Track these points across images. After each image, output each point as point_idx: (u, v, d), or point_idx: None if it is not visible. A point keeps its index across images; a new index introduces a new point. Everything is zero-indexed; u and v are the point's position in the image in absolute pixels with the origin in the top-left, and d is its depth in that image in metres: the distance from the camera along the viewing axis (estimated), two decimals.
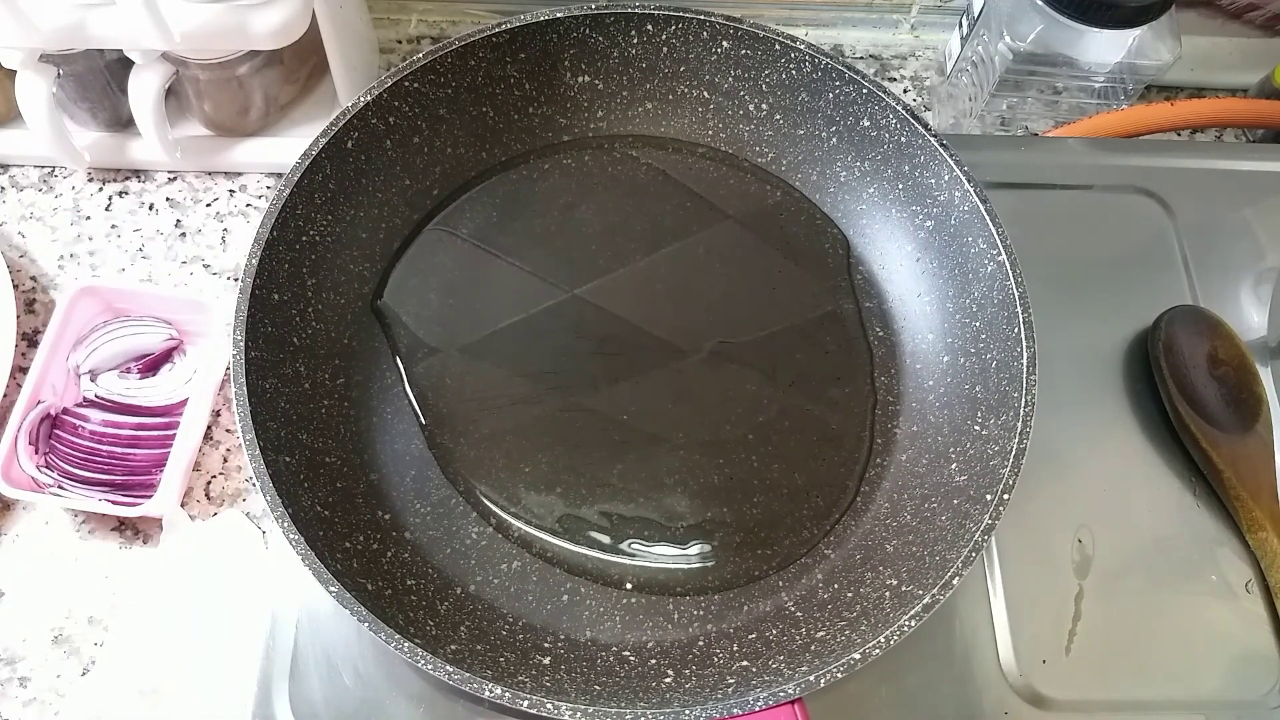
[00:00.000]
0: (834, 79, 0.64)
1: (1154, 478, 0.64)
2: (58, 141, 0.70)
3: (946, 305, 0.63)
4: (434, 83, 0.62)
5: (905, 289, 0.65)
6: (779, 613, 0.57)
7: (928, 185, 0.63)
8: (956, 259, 0.62)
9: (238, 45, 0.67)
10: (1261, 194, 0.73)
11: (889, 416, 0.62)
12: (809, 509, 0.60)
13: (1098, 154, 0.74)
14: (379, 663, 0.57)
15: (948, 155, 0.61)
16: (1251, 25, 0.82)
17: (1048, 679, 0.58)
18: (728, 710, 0.48)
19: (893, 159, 0.65)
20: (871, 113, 0.64)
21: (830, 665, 0.49)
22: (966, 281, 0.62)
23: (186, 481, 0.65)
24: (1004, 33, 0.72)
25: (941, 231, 0.63)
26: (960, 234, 0.62)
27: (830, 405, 0.62)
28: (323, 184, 0.59)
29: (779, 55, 0.65)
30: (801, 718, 0.49)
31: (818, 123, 0.67)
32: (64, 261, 0.73)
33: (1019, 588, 0.60)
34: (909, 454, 0.61)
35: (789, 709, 0.49)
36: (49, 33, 0.63)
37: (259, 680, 0.56)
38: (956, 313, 0.62)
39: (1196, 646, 0.59)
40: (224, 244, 0.74)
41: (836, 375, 0.63)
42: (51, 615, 0.62)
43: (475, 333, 0.63)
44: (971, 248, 0.61)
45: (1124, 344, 0.67)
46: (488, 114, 0.66)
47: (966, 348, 0.61)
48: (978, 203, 0.60)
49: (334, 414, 0.59)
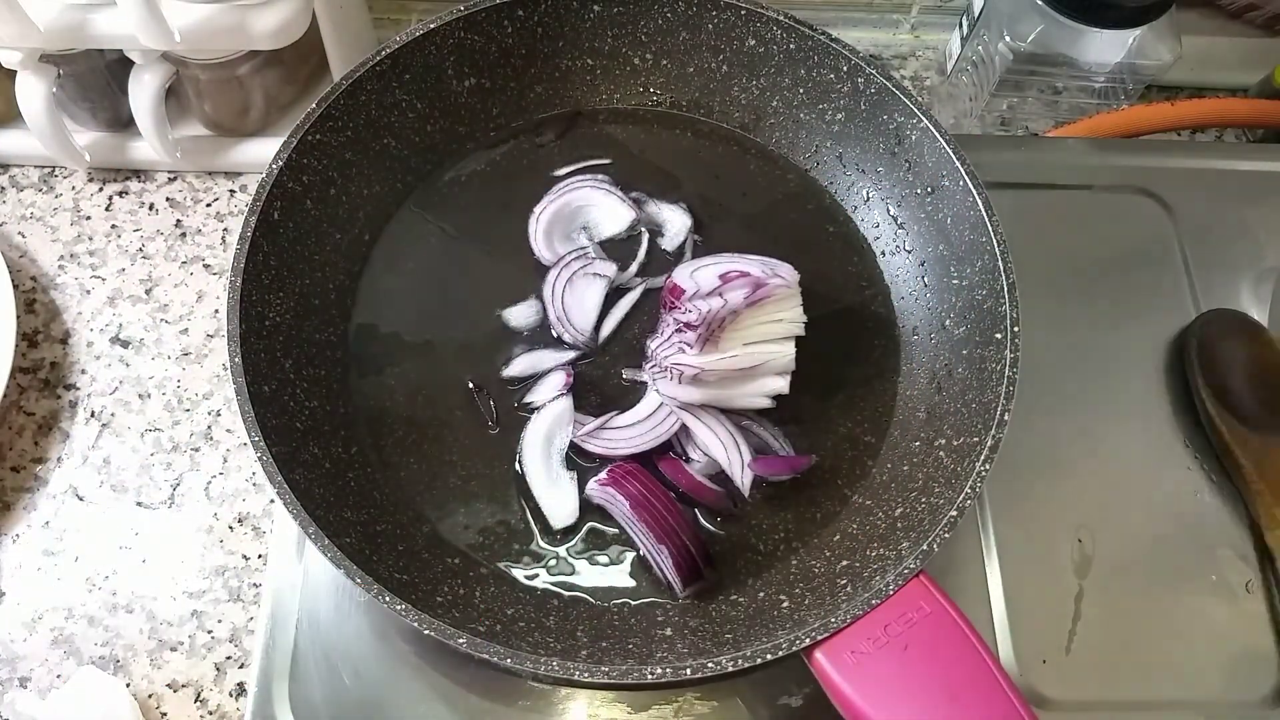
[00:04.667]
0: (709, 9, 0.65)
1: (1154, 478, 0.64)
2: (58, 141, 0.70)
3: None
4: (333, 129, 0.62)
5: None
6: (848, 507, 0.59)
7: (827, 80, 0.65)
8: (879, 135, 0.65)
9: (238, 45, 0.67)
10: (1261, 194, 0.73)
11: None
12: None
13: (1098, 154, 0.74)
14: (379, 663, 0.57)
15: (833, 43, 0.64)
16: (1251, 25, 0.82)
17: (1048, 679, 0.58)
18: (865, 606, 0.49)
19: (786, 67, 0.66)
20: (755, 31, 0.66)
21: (930, 531, 0.51)
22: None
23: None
24: (1004, 33, 0.72)
25: (855, 118, 0.65)
26: (875, 110, 0.64)
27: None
28: (264, 264, 0.58)
29: (650, 3, 0.66)
30: (934, 589, 0.50)
31: (704, 56, 0.68)
32: (64, 261, 0.73)
33: (1019, 588, 0.60)
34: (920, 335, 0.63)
35: (918, 584, 0.50)
36: (49, 33, 0.63)
37: (259, 680, 0.56)
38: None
39: (1196, 646, 0.59)
40: (224, 244, 0.74)
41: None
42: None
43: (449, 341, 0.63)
44: (891, 122, 0.64)
45: (1124, 344, 0.67)
46: (390, 145, 0.66)
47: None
48: (884, 82, 0.63)
49: (363, 483, 0.58)
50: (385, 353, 0.63)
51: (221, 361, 0.70)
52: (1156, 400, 0.66)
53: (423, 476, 0.60)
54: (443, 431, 0.61)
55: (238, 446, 0.68)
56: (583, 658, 0.52)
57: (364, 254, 0.65)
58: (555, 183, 0.67)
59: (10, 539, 0.65)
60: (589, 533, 0.58)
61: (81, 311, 0.72)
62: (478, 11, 0.64)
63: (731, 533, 0.58)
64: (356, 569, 0.49)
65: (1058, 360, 0.65)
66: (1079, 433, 0.64)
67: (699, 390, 0.58)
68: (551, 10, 0.66)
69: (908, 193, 0.65)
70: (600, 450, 0.59)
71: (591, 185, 0.66)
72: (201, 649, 0.62)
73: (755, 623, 0.54)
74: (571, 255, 0.64)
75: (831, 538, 0.58)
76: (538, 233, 0.65)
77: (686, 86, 0.70)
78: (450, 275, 0.65)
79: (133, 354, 0.70)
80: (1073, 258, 0.70)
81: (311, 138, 0.61)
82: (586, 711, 0.56)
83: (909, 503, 0.56)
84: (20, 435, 0.67)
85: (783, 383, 0.58)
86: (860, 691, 0.48)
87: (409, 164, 0.67)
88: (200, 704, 0.61)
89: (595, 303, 0.63)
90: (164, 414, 0.68)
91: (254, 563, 0.64)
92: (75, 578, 0.64)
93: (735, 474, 0.58)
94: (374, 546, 0.54)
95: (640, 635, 0.55)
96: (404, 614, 0.49)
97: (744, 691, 0.57)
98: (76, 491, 0.66)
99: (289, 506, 0.51)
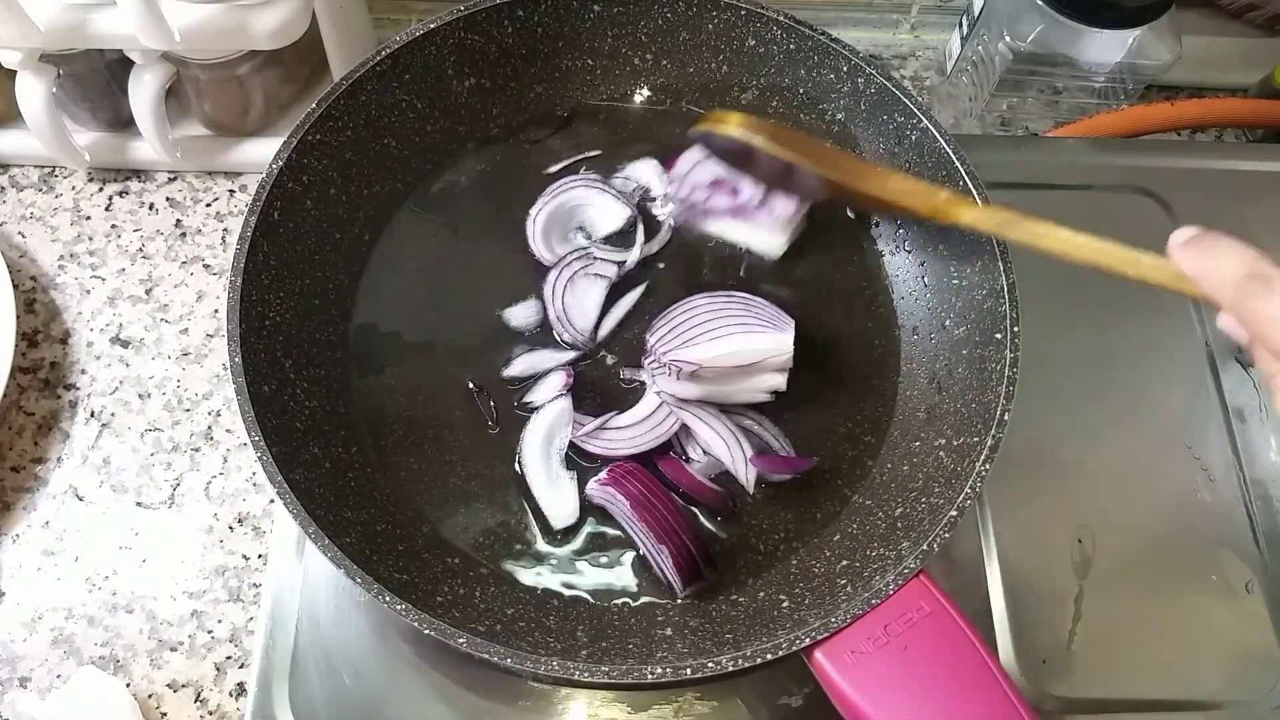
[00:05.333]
0: (709, 9, 0.65)
1: (1154, 478, 0.64)
2: (58, 141, 0.70)
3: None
4: (333, 129, 0.62)
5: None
6: (848, 507, 0.59)
7: (827, 80, 0.65)
8: (880, 135, 0.65)
9: (238, 45, 0.67)
10: (1261, 194, 0.73)
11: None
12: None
13: (1098, 154, 0.74)
14: (379, 663, 0.57)
15: (833, 43, 0.64)
16: (1251, 25, 0.82)
17: (1048, 679, 0.58)
18: (865, 606, 0.49)
19: (786, 67, 0.66)
20: (755, 31, 0.66)
21: (930, 531, 0.51)
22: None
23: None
24: (1004, 33, 0.72)
25: (855, 118, 0.66)
26: (875, 110, 0.64)
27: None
28: (264, 264, 0.58)
29: (650, 3, 0.66)
30: (934, 589, 0.50)
31: (704, 56, 0.68)
32: (64, 261, 0.73)
33: (1019, 588, 0.60)
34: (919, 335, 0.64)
35: (918, 584, 0.50)
36: (49, 33, 0.63)
37: (259, 680, 0.56)
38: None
39: (1196, 646, 0.59)
40: (224, 244, 0.74)
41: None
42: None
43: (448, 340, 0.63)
44: (891, 122, 0.64)
45: (1124, 344, 0.67)
46: (390, 144, 0.66)
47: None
48: (884, 82, 0.63)
49: (363, 483, 0.58)
50: (385, 353, 0.63)
51: (221, 361, 0.70)
52: (1157, 400, 0.66)
53: (423, 476, 0.59)
54: (443, 431, 0.61)
55: (238, 446, 0.68)
56: (583, 658, 0.52)
57: (364, 254, 0.65)
58: (550, 181, 0.66)
59: (10, 539, 0.65)
60: (589, 533, 0.58)
61: (81, 311, 0.72)
62: (478, 11, 0.64)
63: (731, 533, 0.58)
64: (356, 569, 0.49)
65: (1058, 360, 0.65)
66: (1079, 433, 0.64)
67: (697, 386, 0.58)
68: (551, 10, 0.66)
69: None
70: (600, 451, 0.59)
71: (585, 184, 0.66)
72: (201, 649, 0.62)
73: (755, 623, 0.54)
74: (572, 255, 0.64)
75: (831, 538, 0.58)
76: (536, 235, 0.65)
77: (686, 87, 0.70)
78: (450, 275, 0.65)
79: (133, 354, 0.70)
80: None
81: (311, 138, 0.61)
82: (586, 711, 0.56)
83: (909, 503, 0.56)
84: (20, 435, 0.67)
85: (780, 379, 0.59)
86: (860, 691, 0.48)
87: (409, 164, 0.67)
88: (200, 704, 0.61)
89: (595, 303, 0.63)
90: (164, 414, 0.68)
91: (254, 563, 0.64)
92: (75, 578, 0.64)
93: (739, 470, 0.58)
94: (374, 546, 0.54)
95: (640, 635, 0.55)
96: (404, 614, 0.49)
97: (744, 691, 0.57)
98: (76, 491, 0.66)
99: (289, 506, 0.51)
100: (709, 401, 0.59)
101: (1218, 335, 0.68)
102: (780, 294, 0.63)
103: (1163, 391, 0.67)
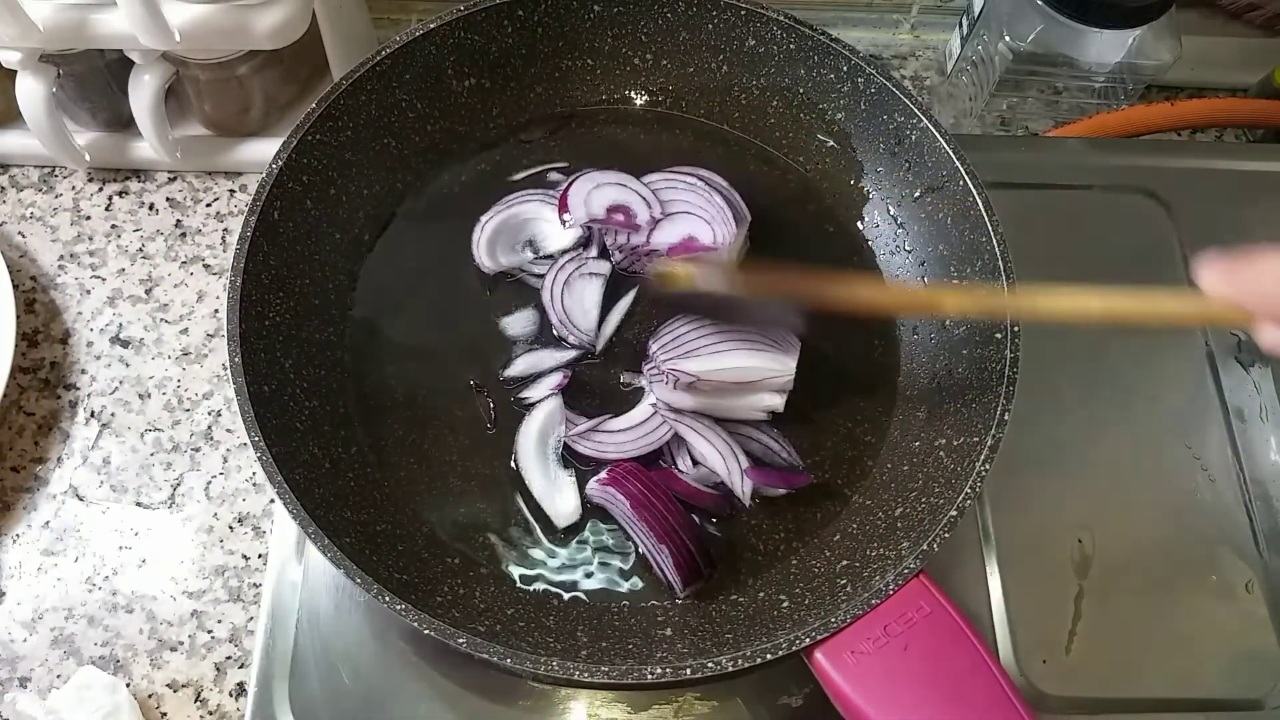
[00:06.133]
0: (709, 9, 0.65)
1: (1154, 478, 0.64)
2: (58, 141, 0.70)
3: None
4: (333, 129, 0.62)
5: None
6: (848, 507, 0.59)
7: (827, 80, 0.65)
8: (879, 135, 0.65)
9: (238, 45, 0.67)
10: (1261, 194, 0.73)
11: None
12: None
13: (1098, 154, 0.74)
14: (379, 663, 0.57)
15: (833, 43, 0.64)
16: (1251, 25, 0.82)
17: (1048, 679, 0.58)
18: (865, 606, 0.49)
19: (786, 67, 0.66)
20: (755, 30, 0.66)
21: (930, 531, 0.51)
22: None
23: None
24: (1004, 33, 0.72)
25: (855, 118, 0.66)
26: (875, 110, 0.64)
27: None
28: (264, 263, 0.58)
29: (650, 3, 0.66)
30: (934, 589, 0.50)
31: (704, 56, 0.68)
32: (64, 261, 0.73)
33: (1019, 588, 0.60)
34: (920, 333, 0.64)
35: (918, 584, 0.50)
36: (49, 33, 0.63)
37: (259, 680, 0.56)
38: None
39: (1196, 646, 0.59)
40: (224, 244, 0.74)
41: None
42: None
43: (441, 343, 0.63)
44: (891, 122, 0.64)
45: (1123, 344, 0.67)
46: (390, 144, 0.65)
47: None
48: (884, 82, 0.63)
49: (363, 483, 0.58)
50: (385, 353, 0.63)
51: (221, 361, 0.70)
52: (1157, 400, 0.66)
53: (422, 476, 0.59)
54: (442, 431, 0.61)
55: (238, 446, 0.68)
56: (583, 658, 0.52)
57: (364, 254, 0.65)
58: (511, 189, 0.66)
59: (10, 539, 0.65)
60: (589, 532, 0.58)
61: (81, 311, 0.72)
62: (478, 11, 0.64)
63: (731, 533, 0.58)
64: (356, 569, 0.49)
65: (1058, 360, 0.65)
66: (1079, 433, 0.64)
67: (692, 398, 0.58)
68: (551, 10, 0.66)
69: (908, 193, 0.65)
70: (589, 452, 0.59)
71: (542, 199, 0.65)
72: (201, 649, 0.62)
73: (755, 623, 0.54)
74: (566, 258, 0.64)
75: (831, 538, 0.58)
76: (481, 241, 0.64)
77: (686, 86, 0.70)
78: (450, 275, 0.65)
79: (133, 354, 0.70)
80: (1073, 258, 0.70)
81: (311, 138, 0.61)
82: (586, 711, 0.56)
83: (909, 503, 0.56)
84: (20, 435, 0.67)
85: (779, 400, 0.58)
86: (860, 691, 0.48)
87: (409, 164, 0.67)
88: (200, 704, 0.61)
89: (595, 300, 0.63)
90: (164, 414, 0.68)
91: (254, 563, 0.64)
92: (75, 578, 0.64)
93: (734, 483, 0.58)
94: (374, 546, 0.54)
95: (640, 635, 0.55)
96: (404, 614, 0.49)
97: (744, 691, 0.57)
98: (76, 491, 0.66)
99: (289, 506, 0.51)
100: (704, 414, 0.59)
101: (1218, 335, 0.68)
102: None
103: (1163, 391, 0.67)
